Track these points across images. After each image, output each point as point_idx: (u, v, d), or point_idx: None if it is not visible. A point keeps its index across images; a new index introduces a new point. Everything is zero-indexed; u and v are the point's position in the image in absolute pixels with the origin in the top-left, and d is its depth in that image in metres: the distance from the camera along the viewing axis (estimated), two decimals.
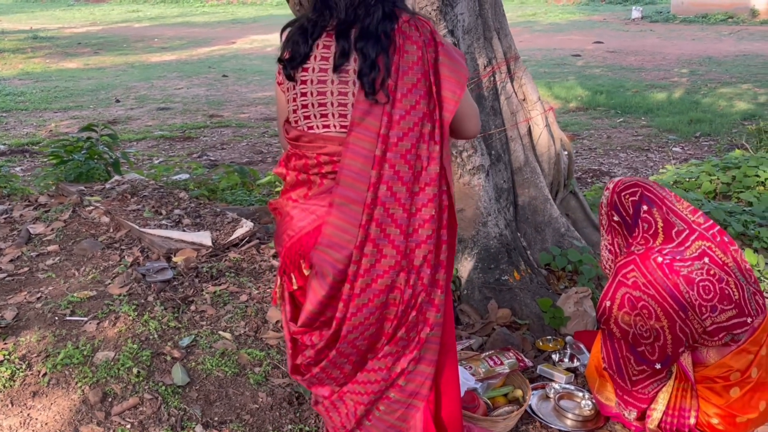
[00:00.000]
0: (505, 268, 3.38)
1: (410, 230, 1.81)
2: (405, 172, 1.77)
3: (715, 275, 2.27)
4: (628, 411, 2.48)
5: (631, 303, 2.31)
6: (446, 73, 1.79)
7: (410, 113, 1.76)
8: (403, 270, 1.83)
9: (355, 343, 1.87)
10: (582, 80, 11.14)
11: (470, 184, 3.37)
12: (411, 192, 1.79)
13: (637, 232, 2.38)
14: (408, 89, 1.76)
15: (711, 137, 7.75)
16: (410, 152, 1.77)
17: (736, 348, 2.31)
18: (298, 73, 1.83)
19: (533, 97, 3.74)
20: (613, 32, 18.02)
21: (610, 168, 6.88)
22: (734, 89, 10.20)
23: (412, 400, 1.97)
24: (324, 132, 1.84)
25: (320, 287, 1.82)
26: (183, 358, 2.84)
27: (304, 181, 1.89)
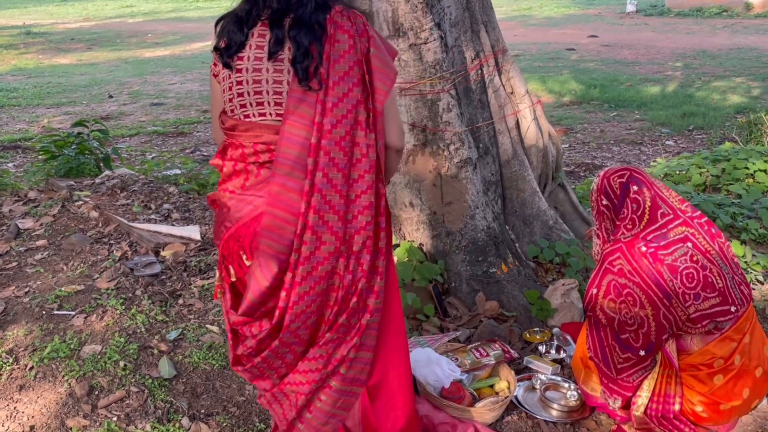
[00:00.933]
0: (492, 260, 3.38)
1: (349, 216, 1.84)
2: (341, 159, 1.79)
3: (698, 262, 2.28)
4: (613, 399, 2.49)
5: (617, 290, 2.33)
6: (377, 65, 1.82)
7: (343, 100, 1.79)
8: (343, 255, 1.86)
9: (298, 332, 1.88)
10: (576, 74, 11.15)
11: (458, 177, 3.38)
12: (348, 179, 1.82)
13: (624, 213, 2.39)
14: (340, 77, 1.78)
15: (704, 130, 7.77)
16: (344, 139, 1.79)
17: (719, 336, 2.33)
18: (234, 61, 1.84)
19: (521, 90, 3.74)
20: (608, 26, 18.03)
21: (603, 161, 6.89)
22: (728, 83, 10.22)
23: (352, 387, 1.99)
24: (260, 120, 1.85)
25: (263, 277, 1.83)
26: (170, 352, 2.85)
27: (240, 171, 1.89)
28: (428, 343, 2.92)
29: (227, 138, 1.93)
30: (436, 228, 3.46)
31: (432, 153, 3.36)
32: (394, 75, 1.87)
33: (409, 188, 3.44)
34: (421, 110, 3.30)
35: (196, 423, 2.53)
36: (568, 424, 2.68)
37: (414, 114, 3.31)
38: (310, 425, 1.99)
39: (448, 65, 3.31)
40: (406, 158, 3.39)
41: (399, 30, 3.19)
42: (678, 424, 2.43)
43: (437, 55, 3.25)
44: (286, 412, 2.01)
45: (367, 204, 1.84)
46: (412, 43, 3.21)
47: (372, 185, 1.84)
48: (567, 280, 3.34)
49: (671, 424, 2.43)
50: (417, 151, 3.37)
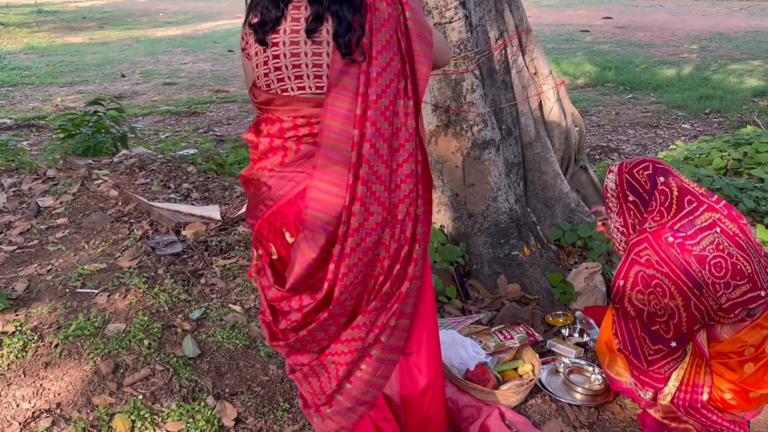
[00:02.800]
0: (515, 243, 3.36)
1: (393, 186, 1.82)
2: (386, 129, 1.78)
3: (724, 250, 2.25)
4: (644, 391, 2.46)
5: (645, 281, 2.29)
6: (414, 27, 1.79)
7: (386, 70, 1.77)
8: (389, 225, 1.85)
9: (345, 303, 1.87)
10: (590, 56, 11.04)
11: (480, 158, 3.35)
12: (392, 148, 1.80)
13: (653, 206, 2.36)
14: (383, 46, 1.76)
15: (721, 114, 7.69)
16: (389, 109, 1.78)
17: (750, 323, 2.30)
18: (269, 36, 1.80)
19: (545, 71, 3.70)
20: (623, 7, 17.83)
21: (619, 144, 6.84)
22: (745, 65, 10.10)
23: (391, 355, 1.99)
24: (299, 93, 1.81)
25: (311, 250, 1.81)
26: (194, 331, 2.85)
27: (278, 147, 1.85)
28: (451, 325, 2.91)
29: (261, 113, 1.89)
30: (458, 210, 3.44)
31: (455, 134, 3.33)
32: (431, 35, 1.84)
33: (431, 169, 3.41)
34: (444, 90, 3.27)
35: (221, 402, 2.53)
36: (593, 408, 2.67)
37: (437, 94, 3.27)
38: (350, 395, 1.99)
39: (472, 45, 3.27)
40: (429, 139, 3.36)
41: (424, 8, 3.14)
42: (705, 413, 2.41)
43: (462, 34, 3.21)
44: (324, 385, 2.01)
45: (409, 172, 1.83)
46: (436, 22, 3.17)
47: (412, 153, 1.83)
48: (590, 264, 3.32)
49: (698, 413, 2.42)
50: (440, 131, 3.34)
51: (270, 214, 1.87)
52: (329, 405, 2.01)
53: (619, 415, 2.66)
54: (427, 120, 3.32)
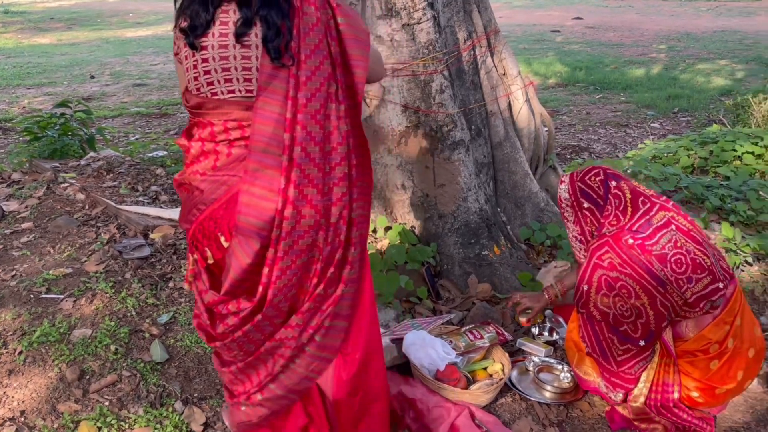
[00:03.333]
0: (485, 243, 3.38)
1: (326, 189, 1.84)
2: (317, 133, 1.79)
3: (682, 247, 2.28)
4: (615, 393, 2.47)
5: (609, 284, 2.31)
6: (348, 32, 1.81)
7: (315, 74, 1.77)
8: (322, 228, 1.85)
9: (279, 305, 1.88)
10: (561, 56, 11.14)
11: (450, 159, 3.36)
12: (324, 152, 1.81)
13: (608, 210, 2.38)
14: (311, 50, 1.77)
15: (689, 113, 7.80)
16: (320, 112, 1.79)
17: (713, 320, 2.33)
18: (199, 40, 1.80)
19: (513, 71, 3.72)
20: (593, 8, 18.02)
21: (589, 144, 6.90)
22: (712, 65, 10.26)
23: (325, 354, 2.00)
24: (229, 97, 1.81)
25: (246, 255, 1.81)
26: (162, 335, 2.82)
27: (209, 152, 1.86)
28: (422, 325, 2.91)
29: (193, 117, 1.89)
30: (428, 210, 3.44)
31: (424, 135, 3.34)
32: (368, 38, 1.85)
33: (401, 170, 3.42)
34: (413, 91, 3.27)
35: (190, 407, 2.50)
36: (562, 406, 2.69)
37: (407, 95, 3.28)
38: (283, 384, 2.01)
39: (440, 46, 3.27)
40: (399, 140, 3.36)
41: (392, 10, 3.14)
42: (677, 411, 2.44)
43: (430, 35, 3.22)
44: (260, 376, 2.01)
45: (342, 175, 1.85)
46: (405, 23, 3.17)
47: (345, 156, 1.84)
48: (559, 262, 3.35)
49: (670, 411, 2.44)
50: (409, 132, 3.34)
51: (203, 218, 1.87)
52: (261, 393, 2.01)
53: (587, 413, 2.68)
54: (397, 121, 3.32)
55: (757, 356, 2.47)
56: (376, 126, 3.35)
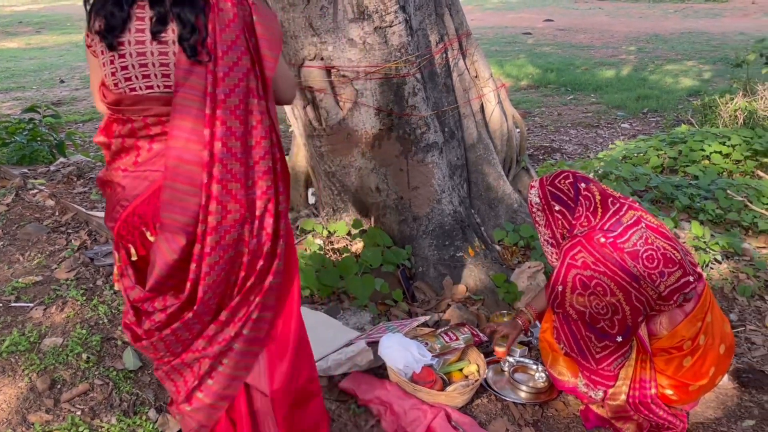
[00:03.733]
0: (459, 244, 3.39)
1: (250, 183, 1.84)
2: (237, 127, 1.79)
3: (653, 243, 2.33)
4: (595, 391, 2.49)
5: (583, 283, 2.34)
6: (262, 32, 1.80)
7: (233, 69, 1.77)
8: (247, 222, 1.86)
9: (209, 302, 1.88)
10: (533, 58, 11.22)
11: (424, 161, 3.37)
12: (246, 146, 1.82)
13: (579, 212, 2.41)
14: (228, 46, 1.76)
15: (658, 113, 7.91)
16: (239, 108, 1.79)
17: (685, 317, 2.37)
18: (117, 40, 1.78)
19: (485, 74, 3.74)
20: (563, 10, 18.20)
21: (561, 144, 6.97)
22: (680, 66, 10.41)
23: (252, 347, 2.00)
24: (148, 93, 1.80)
25: (171, 251, 1.80)
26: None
27: (130, 148, 1.85)
28: (397, 328, 2.92)
29: (111, 114, 1.87)
30: (402, 213, 3.45)
31: (398, 137, 3.34)
32: (280, 40, 1.85)
33: (375, 173, 3.42)
34: (386, 94, 3.28)
35: (163, 414, 2.48)
36: (537, 406, 2.71)
37: (380, 98, 3.28)
38: (211, 391, 1.99)
39: (413, 49, 3.28)
40: (372, 143, 3.36)
41: (364, 13, 3.15)
42: (654, 408, 2.47)
43: (402, 38, 3.22)
44: (187, 382, 2.00)
45: (266, 169, 1.85)
46: (377, 26, 3.17)
47: (269, 151, 1.85)
48: (533, 263, 3.37)
49: (647, 408, 2.47)
50: (383, 135, 3.35)
51: (126, 215, 1.86)
52: (189, 403, 2.00)
53: (562, 412, 2.70)
54: (370, 124, 3.32)
55: (728, 352, 2.52)
56: (350, 129, 3.35)
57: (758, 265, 3.73)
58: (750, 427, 2.64)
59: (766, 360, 3.04)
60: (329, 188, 3.60)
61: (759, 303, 3.48)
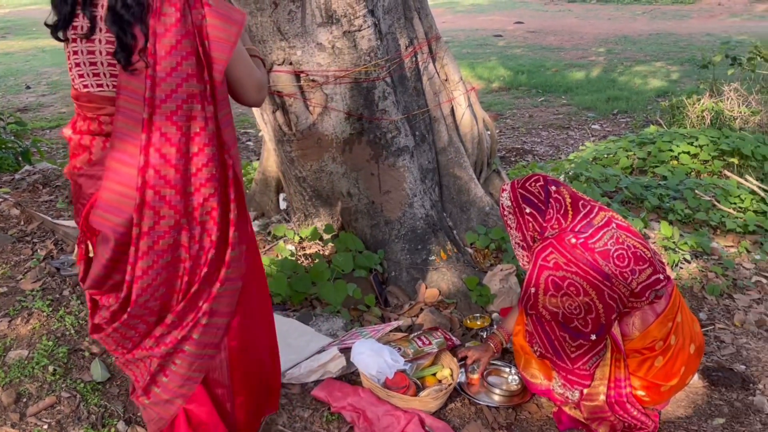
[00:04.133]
0: (432, 248, 3.39)
1: (190, 189, 1.84)
2: (173, 134, 1.78)
3: (624, 243, 2.36)
4: (572, 392, 2.50)
5: (556, 284, 2.35)
6: (214, 35, 1.78)
7: (171, 75, 1.75)
8: (185, 228, 1.86)
9: (147, 304, 1.89)
10: (504, 60, 11.29)
11: (395, 165, 3.36)
12: (185, 153, 1.81)
13: (550, 214, 2.43)
14: (167, 51, 1.74)
15: (628, 114, 7.99)
16: (176, 114, 1.77)
17: (656, 318, 2.39)
18: (69, 32, 1.79)
19: (455, 77, 3.74)
20: (533, 12, 18.34)
21: (533, 146, 7.01)
22: (648, 67, 10.54)
23: (206, 351, 2.02)
24: (98, 91, 1.81)
25: (104, 251, 1.83)
26: (102, 354, 2.74)
27: (86, 146, 1.86)
28: (370, 333, 2.90)
29: (76, 108, 1.89)
30: (374, 217, 3.44)
31: (369, 142, 3.33)
32: (233, 41, 1.81)
33: (346, 178, 3.40)
34: (356, 98, 3.26)
35: (132, 427, 2.44)
36: (510, 409, 2.71)
37: (350, 102, 3.27)
38: (167, 388, 2.02)
39: (382, 53, 3.27)
40: (343, 147, 3.35)
41: (332, 17, 3.13)
42: (629, 407, 2.49)
43: (372, 42, 3.21)
44: (143, 375, 2.04)
45: (209, 176, 1.84)
46: (345, 31, 3.16)
47: (213, 158, 1.84)
48: (505, 266, 3.38)
49: (623, 407, 2.48)
50: (354, 140, 3.33)
51: (86, 213, 1.87)
52: (147, 396, 2.03)
53: (536, 414, 2.71)
54: (341, 128, 3.31)
55: (698, 351, 2.54)
56: (320, 134, 3.32)
57: (726, 264, 3.78)
58: (720, 425, 2.67)
59: (735, 358, 3.08)
60: (300, 193, 3.58)
61: (728, 302, 3.53)
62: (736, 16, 17.17)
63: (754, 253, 4.00)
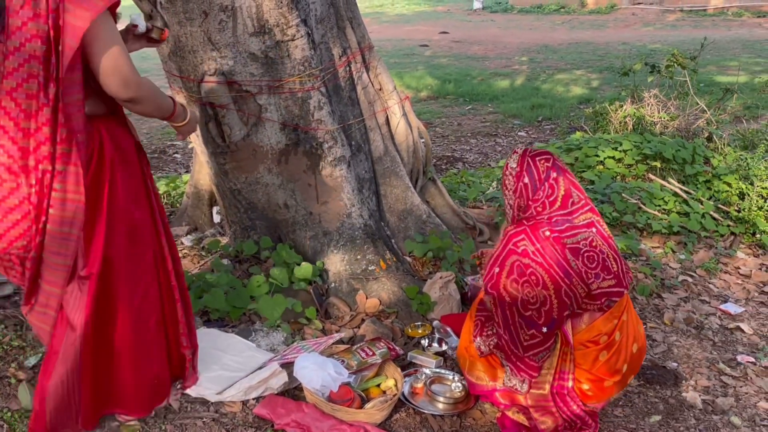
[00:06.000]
0: (371, 258, 3.37)
1: (31, 163, 2.02)
2: (12, 109, 1.96)
3: (597, 247, 2.41)
4: (521, 381, 2.52)
5: (520, 270, 2.39)
6: (69, 20, 1.90)
7: (15, 54, 1.91)
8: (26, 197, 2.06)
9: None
10: (431, 69, 11.43)
11: (333, 175, 3.33)
12: (23, 128, 1.98)
13: (539, 195, 2.48)
14: (12, 31, 1.90)
15: (552, 121, 8.21)
16: (16, 90, 1.94)
17: (602, 315, 2.45)
18: None
19: (389, 86, 3.75)
20: (457, 22, 18.68)
21: (462, 154, 7.10)
22: (569, 75, 10.87)
23: (46, 310, 2.25)
24: None
25: None
26: (30, 379, 2.60)
27: None
28: (312, 347, 2.86)
29: None
30: (313, 228, 3.40)
31: (305, 152, 3.29)
32: (81, 29, 1.90)
33: (283, 189, 3.36)
34: (291, 109, 3.22)
35: None
36: (455, 416, 2.71)
37: (284, 113, 3.22)
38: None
39: (316, 62, 3.25)
40: (279, 158, 3.30)
41: (264, 27, 3.08)
42: (569, 402, 2.53)
43: (305, 52, 3.18)
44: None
45: (47, 154, 2.00)
46: (278, 40, 3.12)
47: (50, 137, 1.99)
48: (444, 273, 3.40)
49: (563, 400, 2.53)
50: (290, 150, 3.29)
51: None
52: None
53: (480, 420, 2.72)
54: (276, 139, 3.26)
55: (639, 352, 2.62)
56: (255, 145, 3.27)
57: (654, 265, 3.91)
58: (657, 422, 2.75)
59: (667, 356, 3.19)
60: (235, 206, 3.50)
61: (657, 301, 3.65)
62: (649, 25, 17.94)
63: (679, 253, 4.15)
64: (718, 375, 3.06)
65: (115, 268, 2.24)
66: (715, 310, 3.61)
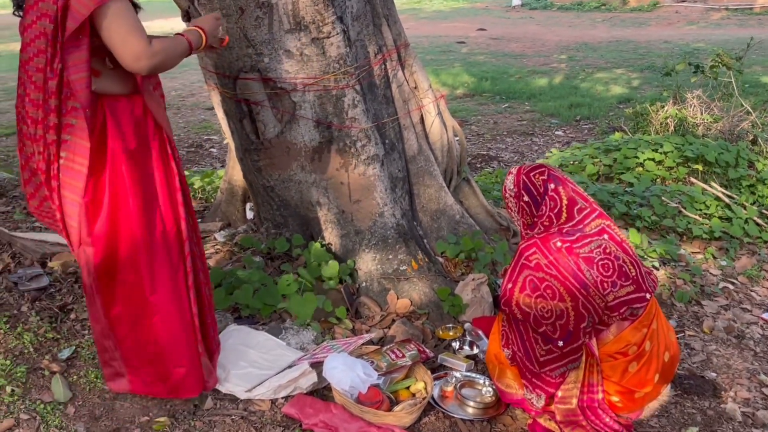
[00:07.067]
0: (403, 258, 3.34)
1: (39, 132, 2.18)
2: (34, 73, 2.13)
3: (611, 254, 2.35)
4: (537, 396, 2.48)
5: (534, 285, 2.35)
6: (73, 3, 2.03)
7: (27, 30, 2.11)
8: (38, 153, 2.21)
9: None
10: (467, 67, 11.34)
11: (365, 174, 3.31)
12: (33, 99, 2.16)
13: (543, 210, 2.45)
14: (29, 7, 2.11)
15: (590, 120, 8.07)
16: (32, 60, 2.12)
17: (631, 322, 2.39)
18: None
19: (424, 84, 3.71)
20: (495, 19, 18.51)
21: (498, 153, 7.02)
22: (609, 74, 10.68)
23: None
24: None
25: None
26: (63, 372, 2.63)
27: None
28: (342, 347, 2.84)
29: None
30: (344, 227, 3.38)
31: (338, 150, 3.28)
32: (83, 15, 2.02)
33: (316, 187, 3.34)
34: (325, 106, 3.21)
35: None
36: (485, 421, 2.67)
37: (319, 110, 3.21)
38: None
39: (351, 60, 3.22)
40: (312, 156, 3.29)
41: (300, 24, 3.07)
42: (601, 414, 2.48)
43: (340, 49, 3.16)
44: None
45: (53, 124, 2.15)
46: (314, 38, 3.10)
47: (55, 109, 2.13)
48: (476, 275, 3.35)
49: (594, 413, 2.47)
50: (323, 148, 3.27)
51: None
52: None
53: (510, 427, 2.68)
54: (310, 137, 3.25)
55: (672, 360, 2.55)
56: (288, 142, 3.26)
57: (694, 271, 3.81)
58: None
59: (705, 365, 3.10)
60: (268, 203, 3.50)
61: (696, 308, 3.56)
62: (692, 23, 17.56)
63: (720, 259, 4.04)
64: (759, 387, 2.96)
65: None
66: (757, 319, 3.50)
